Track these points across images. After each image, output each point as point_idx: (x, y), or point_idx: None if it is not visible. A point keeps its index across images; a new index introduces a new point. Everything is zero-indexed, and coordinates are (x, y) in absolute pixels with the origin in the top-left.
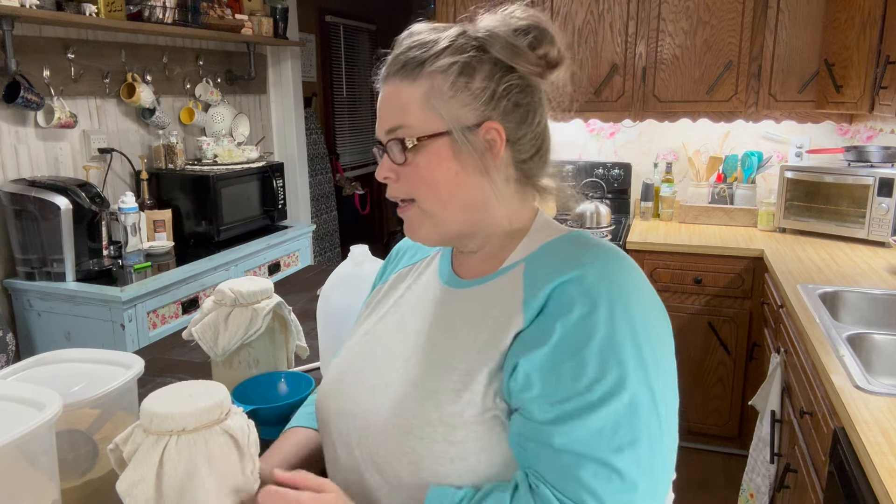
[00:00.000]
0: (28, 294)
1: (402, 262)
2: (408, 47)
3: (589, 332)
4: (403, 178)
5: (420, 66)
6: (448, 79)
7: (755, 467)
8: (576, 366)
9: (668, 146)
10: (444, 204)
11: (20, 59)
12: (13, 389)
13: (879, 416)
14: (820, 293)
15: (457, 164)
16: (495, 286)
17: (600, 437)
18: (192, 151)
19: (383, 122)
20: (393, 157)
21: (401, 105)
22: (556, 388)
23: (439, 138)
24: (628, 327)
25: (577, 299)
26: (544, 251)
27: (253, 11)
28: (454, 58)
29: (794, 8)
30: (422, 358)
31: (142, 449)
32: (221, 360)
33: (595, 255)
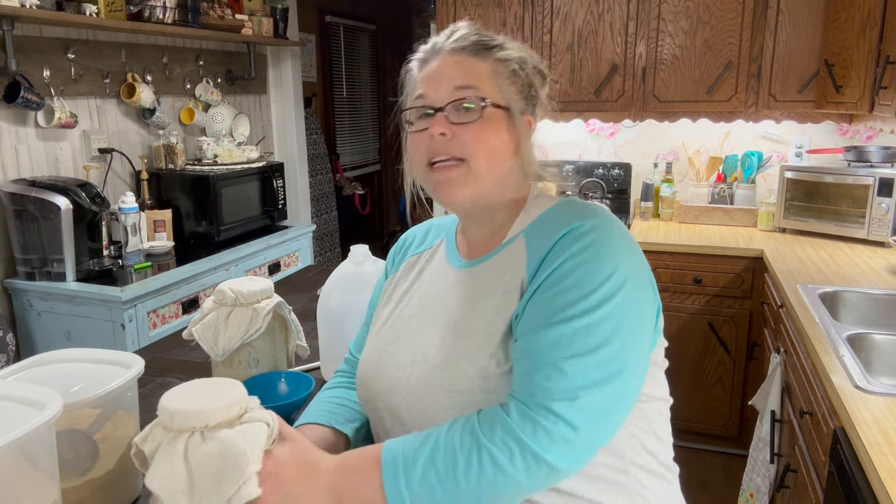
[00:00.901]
0: (28, 294)
1: (409, 251)
2: (474, 33)
3: (572, 269)
4: (459, 136)
5: (488, 50)
6: (509, 67)
7: (755, 467)
8: (554, 296)
9: (668, 146)
10: (491, 169)
11: (20, 59)
12: (13, 389)
13: (879, 416)
14: (820, 293)
15: (508, 137)
16: (501, 258)
17: (552, 346)
18: (192, 151)
19: (452, 81)
20: (458, 118)
21: (471, 71)
22: (536, 317)
23: (502, 111)
24: (610, 267)
25: (571, 243)
26: (540, 221)
27: (253, 11)
28: (515, 52)
29: (794, 8)
30: (450, 329)
31: (165, 445)
32: (221, 359)
33: (587, 213)
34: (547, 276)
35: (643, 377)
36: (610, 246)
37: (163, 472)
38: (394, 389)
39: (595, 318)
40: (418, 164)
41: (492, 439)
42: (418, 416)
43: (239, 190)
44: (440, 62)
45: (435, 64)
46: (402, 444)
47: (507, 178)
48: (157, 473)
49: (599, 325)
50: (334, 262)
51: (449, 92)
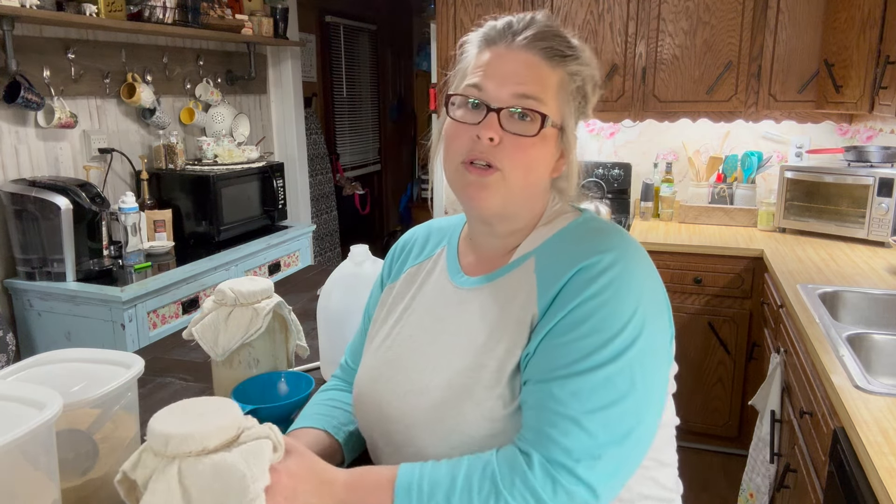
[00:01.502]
0: (28, 294)
1: (409, 259)
2: (555, 33)
3: (590, 312)
4: (507, 146)
5: (563, 58)
6: (575, 83)
7: (755, 467)
8: (570, 342)
9: (668, 146)
10: (527, 185)
11: (20, 59)
12: (13, 389)
13: (879, 416)
14: (820, 293)
15: (554, 155)
16: (508, 282)
17: (574, 398)
18: (192, 151)
19: (518, 84)
20: (513, 127)
21: (541, 80)
22: (551, 361)
23: (556, 130)
24: (629, 312)
25: (589, 282)
26: (555, 242)
27: (253, 11)
28: (588, 69)
29: (794, 8)
30: (451, 360)
31: (159, 472)
32: (221, 359)
33: (604, 242)
34: (562, 319)
35: (659, 417)
36: (630, 284)
37: (158, 501)
38: (390, 419)
39: (616, 368)
40: (452, 158)
41: (511, 491)
42: (416, 452)
43: (239, 190)
44: (509, 55)
45: (502, 54)
46: (419, 475)
47: (539, 194)
48: (152, 502)
49: (620, 374)
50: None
51: (510, 95)
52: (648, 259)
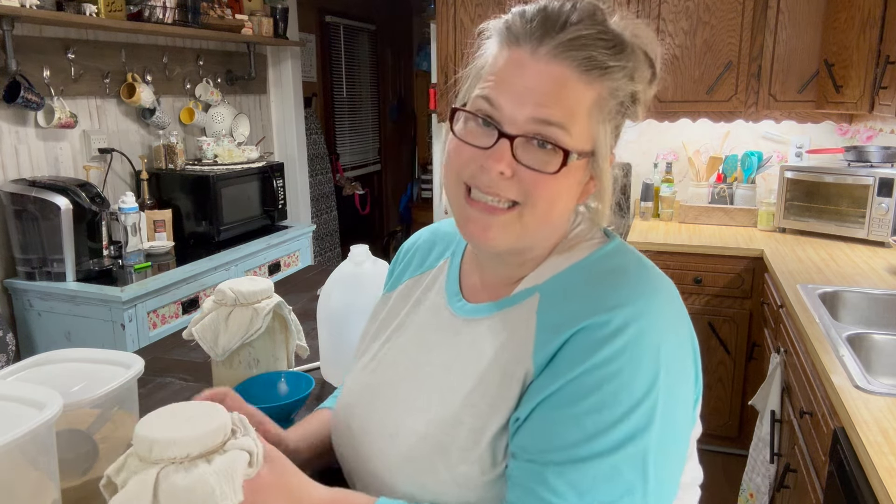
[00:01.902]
0: (28, 294)
1: (409, 267)
2: (598, 35)
3: (595, 385)
4: (522, 179)
5: (603, 70)
6: (616, 98)
7: (755, 467)
8: (571, 417)
9: (668, 146)
10: (545, 221)
11: (20, 59)
12: (13, 389)
13: (879, 416)
14: (820, 293)
15: (582, 184)
16: (506, 320)
17: (573, 492)
18: (192, 151)
19: (539, 105)
20: (528, 160)
21: (569, 102)
22: (546, 437)
23: (585, 158)
24: (641, 387)
25: (594, 348)
26: (565, 278)
27: (253, 11)
28: (627, 78)
29: (794, 8)
30: (429, 405)
31: (138, 477)
32: (221, 359)
33: (624, 293)
34: (562, 387)
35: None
36: (647, 350)
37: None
38: (359, 453)
39: (625, 456)
40: (453, 182)
41: None
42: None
43: (239, 190)
44: (534, 65)
45: (524, 62)
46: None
47: (562, 223)
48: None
49: (631, 463)
50: (334, 262)
51: (528, 118)
52: (676, 306)
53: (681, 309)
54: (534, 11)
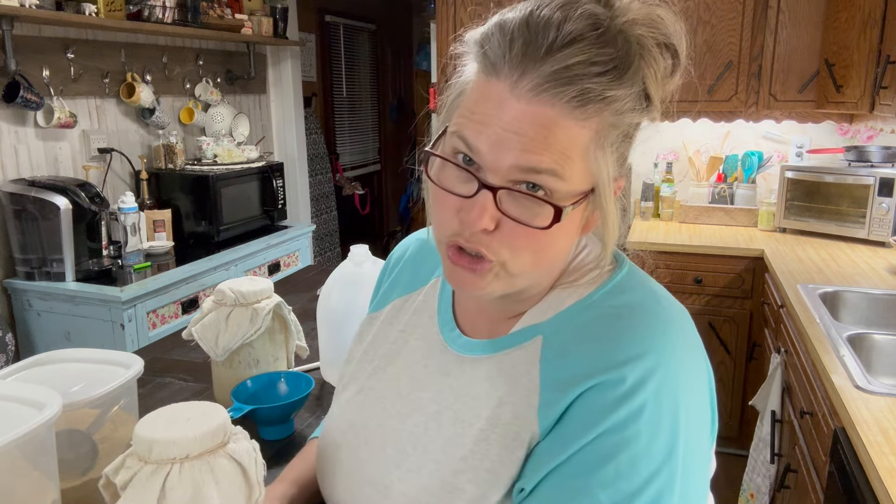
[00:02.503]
0: (28, 294)
1: (398, 285)
2: (593, 59)
3: (609, 454)
4: (506, 234)
5: (600, 102)
6: (619, 128)
7: (755, 467)
8: (583, 489)
9: (668, 146)
10: (537, 266)
11: (20, 58)
12: (13, 389)
13: (879, 416)
14: (820, 293)
15: (575, 225)
16: (506, 365)
17: None
18: (191, 151)
19: (523, 153)
20: (516, 213)
21: (559, 146)
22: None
23: (584, 199)
24: (660, 453)
25: (606, 411)
26: (569, 321)
27: (253, 11)
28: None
29: (795, 8)
30: (422, 464)
31: (139, 478)
32: (221, 359)
33: (641, 343)
34: (572, 455)
35: None
36: (667, 406)
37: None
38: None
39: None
40: (436, 232)
41: None
42: None
43: (239, 190)
44: (514, 103)
45: (505, 100)
46: None
47: (558, 263)
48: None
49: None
50: (334, 262)
51: (512, 166)
52: (692, 343)
53: (697, 345)
54: (515, 26)
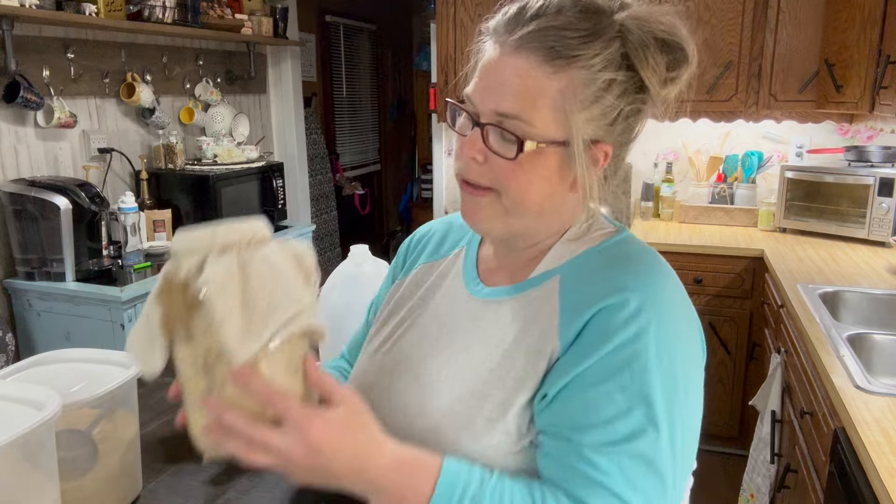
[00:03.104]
0: (28, 294)
1: (423, 254)
2: (567, 24)
3: (623, 363)
4: (494, 167)
5: (568, 59)
6: (591, 87)
7: (755, 467)
8: (603, 394)
9: (668, 146)
10: (527, 207)
11: (20, 58)
12: (13, 389)
13: (879, 416)
14: (820, 293)
15: (557, 176)
16: (528, 301)
17: (618, 470)
18: (191, 151)
19: (498, 100)
20: (496, 146)
21: (529, 94)
22: (581, 414)
23: (555, 147)
24: (665, 363)
25: (617, 328)
26: (583, 263)
27: (253, 11)
28: (604, 65)
29: (795, 8)
30: (453, 383)
31: (212, 258)
32: None
33: (639, 276)
34: (590, 367)
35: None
36: (668, 323)
37: (219, 271)
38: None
39: (657, 425)
40: (455, 170)
41: None
42: None
43: (238, 190)
44: (500, 60)
45: (494, 58)
46: (466, 477)
47: (556, 211)
48: (213, 273)
49: (662, 428)
50: (334, 262)
51: (491, 111)
52: (681, 287)
53: (684, 290)
54: (517, 7)
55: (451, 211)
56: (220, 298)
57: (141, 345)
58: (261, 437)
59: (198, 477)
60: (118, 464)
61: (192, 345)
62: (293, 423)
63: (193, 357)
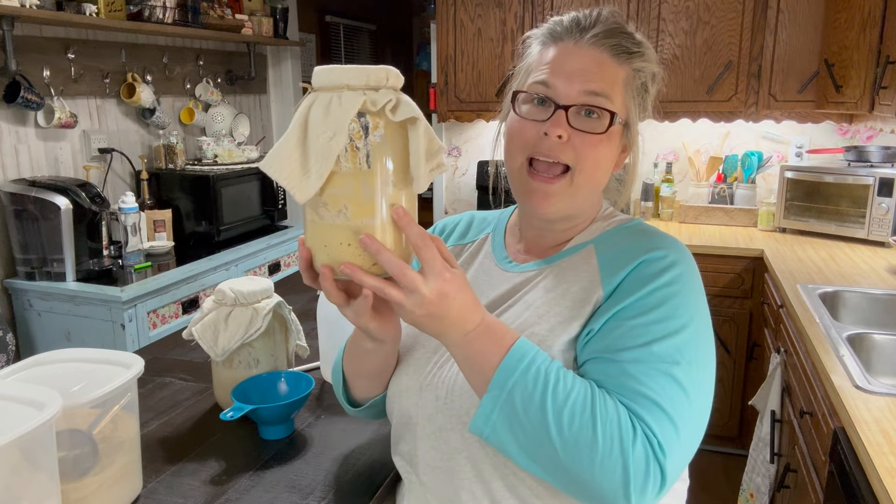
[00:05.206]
0: (28, 294)
1: (449, 239)
2: (621, 29)
3: (660, 301)
4: (574, 143)
5: (629, 55)
6: (640, 80)
7: (755, 467)
8: (642, 325)
9: (668, 146)
10: (594, 183)
11: (20, 59)
12: (13, 389)
13: (879, 416)
14: (820, 293)
15: (618, 153)
16: (567, 265)
17: (657, 385)
18: (192, 151)
19: (587, 81)
20: (588, 125)
21: (608, 77)
22: (622, 340)
23: (620, 126)
24: (692, 308)
25: (655, 274)
26: (612, 236)
27: (253, 11)
28: (652, 65)
29: (794, 8)
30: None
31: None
32: (221, 359)
33: (669, 241)
34: (631, 303)
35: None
36: (696, 276)
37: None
38: (427, 387)
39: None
40: (515, 155)
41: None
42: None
43: (239, 190)
44: (577, 51)
45: (570, 50)
46: (535, 352)
47: (599, 191)
48: (411, 106)
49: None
50: None
51: (580, 92)
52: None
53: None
54: (571, 18)
55: (451, 211)
56: (418, 130)
57: (294, 168)
58: (411, 279)
59: (198, 477)
60: (118, 464)
61: (368, 171)
62: (435, 271)
63: (355, 186)
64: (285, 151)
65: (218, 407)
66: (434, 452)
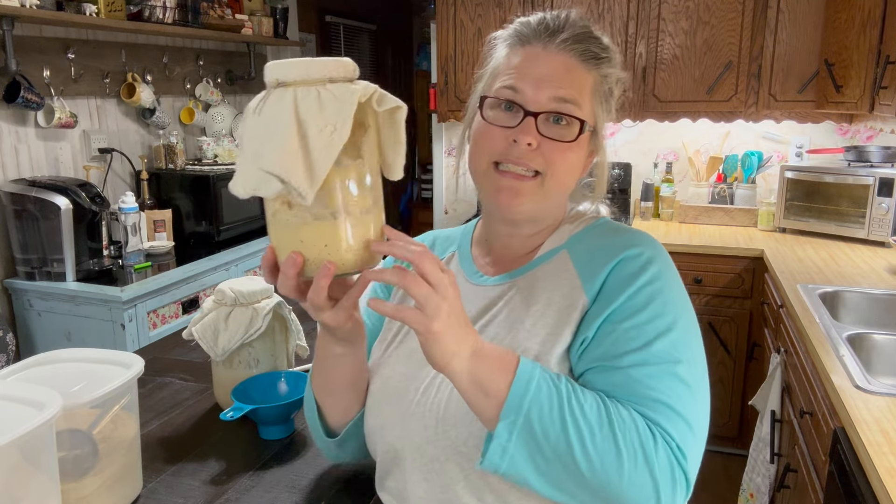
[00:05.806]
0: (28, 294)
1: None
2: (589, 34)
3: (646, 300)
4: (543, 150)
5: (597, 60)
6: (605, 84)
7: (755, 467)
8: (633, 327)
9: (668, 146)
10: (562, 188)
11: (20, 59)
12: (13, 389)
13: (879, 416)
14: (820, 293)
15: (586, 158)
16: (542, 274)
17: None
18: (192, 151)
19: (556, 87)
20: (557, 132)
21: (577, 84)
22: (619, 345)
23: (589, 133)
24: (677, 301)
25: (636, 273)
26: (583, 238)
27: (253, 11)
28: (618, 71)
29: (794, 8)
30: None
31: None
32: (221, 359)
33: (640, 237)
34: (618, 307)
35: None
36: (674, 270)
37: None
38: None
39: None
40: (481, 158)
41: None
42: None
43: None
44: (546, 56)
45: (538, 55)
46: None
47: (567, 195)
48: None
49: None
50: None
51: (549, 98)
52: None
53: None
54: (538, 20)
55: (452, 211)
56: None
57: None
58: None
59: (198, 477)
60: (118, 464)
61: (358, 163)
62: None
63: (361, 175)
64: (287, 152)
65: (218, 407)
66: (426, 485)
